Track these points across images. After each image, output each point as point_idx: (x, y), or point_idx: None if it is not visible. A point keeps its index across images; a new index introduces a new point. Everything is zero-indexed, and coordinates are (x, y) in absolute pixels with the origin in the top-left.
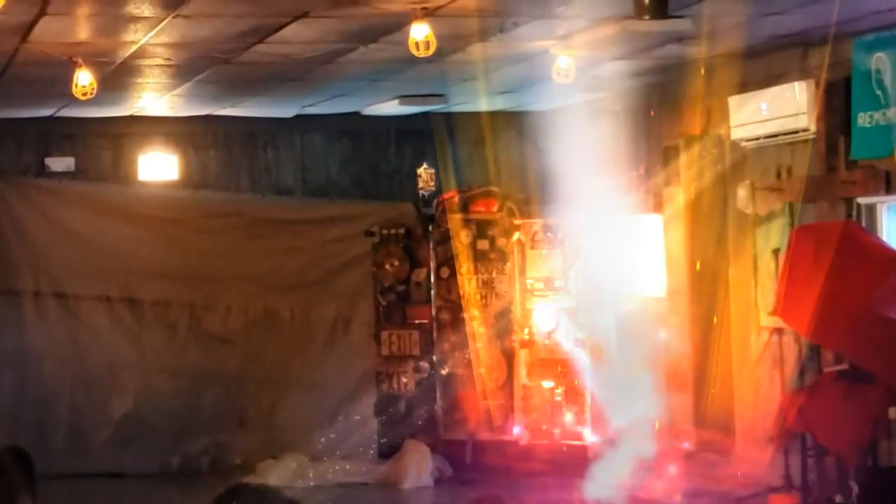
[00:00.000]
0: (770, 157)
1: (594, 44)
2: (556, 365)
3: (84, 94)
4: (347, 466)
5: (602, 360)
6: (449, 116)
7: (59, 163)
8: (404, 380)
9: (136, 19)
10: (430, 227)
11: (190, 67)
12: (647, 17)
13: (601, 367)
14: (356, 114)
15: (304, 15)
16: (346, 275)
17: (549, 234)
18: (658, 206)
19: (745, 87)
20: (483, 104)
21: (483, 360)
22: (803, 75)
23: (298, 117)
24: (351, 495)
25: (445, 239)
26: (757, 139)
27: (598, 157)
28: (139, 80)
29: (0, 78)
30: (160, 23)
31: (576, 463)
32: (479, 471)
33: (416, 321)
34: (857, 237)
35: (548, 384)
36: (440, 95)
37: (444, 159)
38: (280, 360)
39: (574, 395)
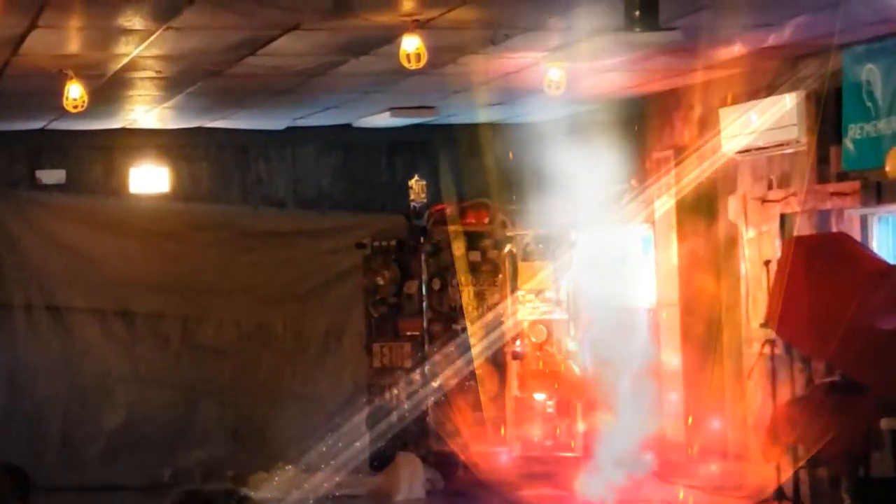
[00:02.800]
0: (761, 169)
1: (585, 56)
2: (548, 377)
3: (75, 107)
4: (339, 478)
5: (594, 372)
6: (440, 128)
7: (51, 175)
8: (396, 392)
9: (126, 32)
10: (422, 239)
11: (181, 80)
12: (637, 29)
13: (593, 379)
14: (348, 126)
15: (296, 27)
16: (338, 287)
17: (540, 245)
18: (649, 218)
19: (735, 98)
20: (474, 116)
21: (474, 371)
22: (794, 87)
23: (290, 129)
24: None
25: (437, 251)
26: (748, 150)
27: (589, 168)
28: (130, 93)
29: None
30: (151, 35)
31: (568, 475)
32: (471, 483)
33: (408, 333)
34: (848, 248)
35: (540, 396)
36: (432, 107)
37: (436, 171)
38: (272, 373)
39: (566, 406)
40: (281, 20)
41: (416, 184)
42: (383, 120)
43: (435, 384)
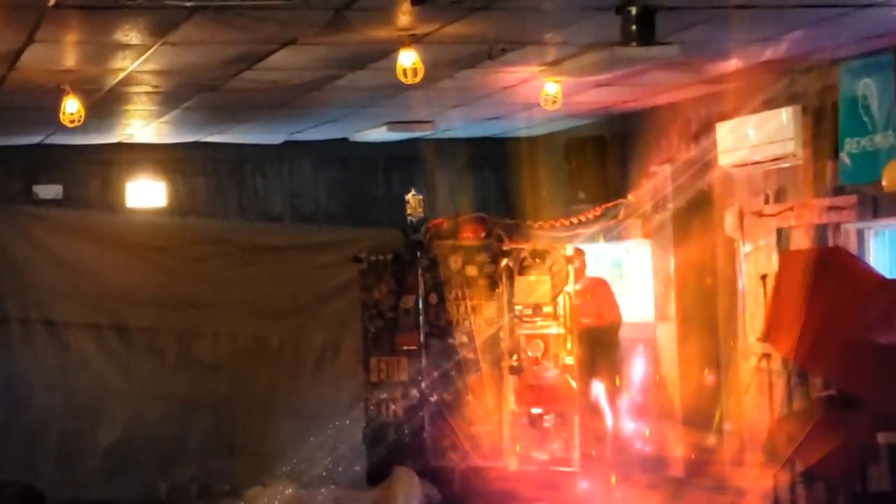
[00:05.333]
0: (758, 183)
1: (582, 70)
2: (545, 391)
3: (72, 122)
4: (336, 493)
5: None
6: (437, 142)
7: (47, 190)
8: (393, 406)
9: (123, 47)
10: (419, 254)
11: (178, 94)
12: (634, 43)
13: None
14: (344, 140)
15: (292, 42)
16: (334, 301)
17: (537, 259)
18: (646, 232)
19: (732, 112)
20: (471, 130)
21: (471, 386)
22: (791, 101)
23: (287, 144)
24: None
25: (434, 265)
26: (744, 165)
27: (585, 182)
28: (127, 108)
29: None
30: (148, 50)
31: (566, 489)
32: (468, 497)
33: (405, 348)
34: (845, 262)
35: (536, 410)
36: (428, 122)
37: (433, 185)
38: (269, 387)
39: (563, 421)
40: (278, 35)
41: (413, 198)
42: (380, 134)
43: (432, 398)
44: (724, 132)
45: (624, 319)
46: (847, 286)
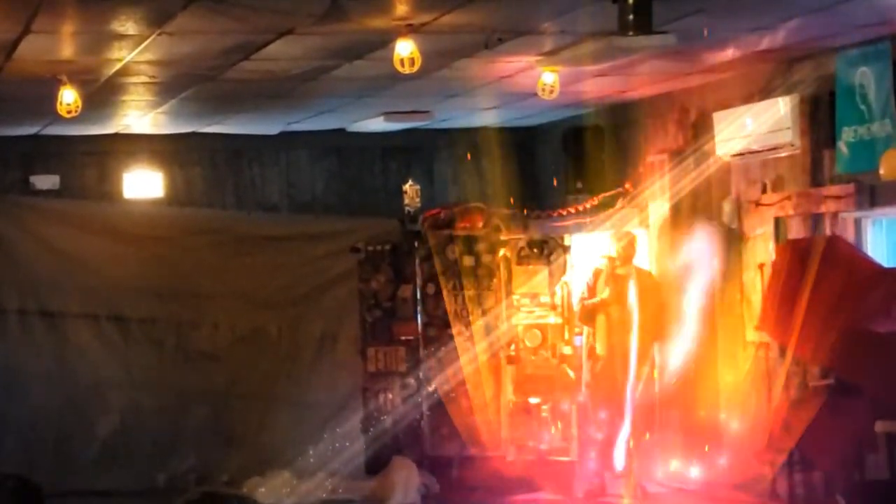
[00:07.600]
0: (755, 172)
1: (579, 59)
2: (543, 381)
3: (69, 112)
4: (334, 483)
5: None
6: (434, 132)
7: (44, 180)
8: (391, 396)
9: (120, 37)
10: (416, 244)
11: (175, 85)
12: (631, 32)
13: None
14: (341, 130)
15: (289, 32)
16: (332, 291)
17: (535, 249)
18: (644, 221)
19: (730, 102)
20: (469, 120)
21: (469, 376)
22: (788, 90)
23: (284, 134)
24: None
25: (431, 255)
26: (742, 154)
27: (583, 172)
28: (124, 98)
29: None
30: (145, 40)
31: (563, 479)
32: (466, 487)
33: (403, 337)
34: (842, 251)
35: (534, 400)
36: (426, 112)
37: (430, 175)
38: (267, 377)
39: (561, 410)
40: (275, 25)
41: (410, 188)
42: (377, 124)
43: (430, 388)
44: (722, 121)
45: None
46: (845, 275)
